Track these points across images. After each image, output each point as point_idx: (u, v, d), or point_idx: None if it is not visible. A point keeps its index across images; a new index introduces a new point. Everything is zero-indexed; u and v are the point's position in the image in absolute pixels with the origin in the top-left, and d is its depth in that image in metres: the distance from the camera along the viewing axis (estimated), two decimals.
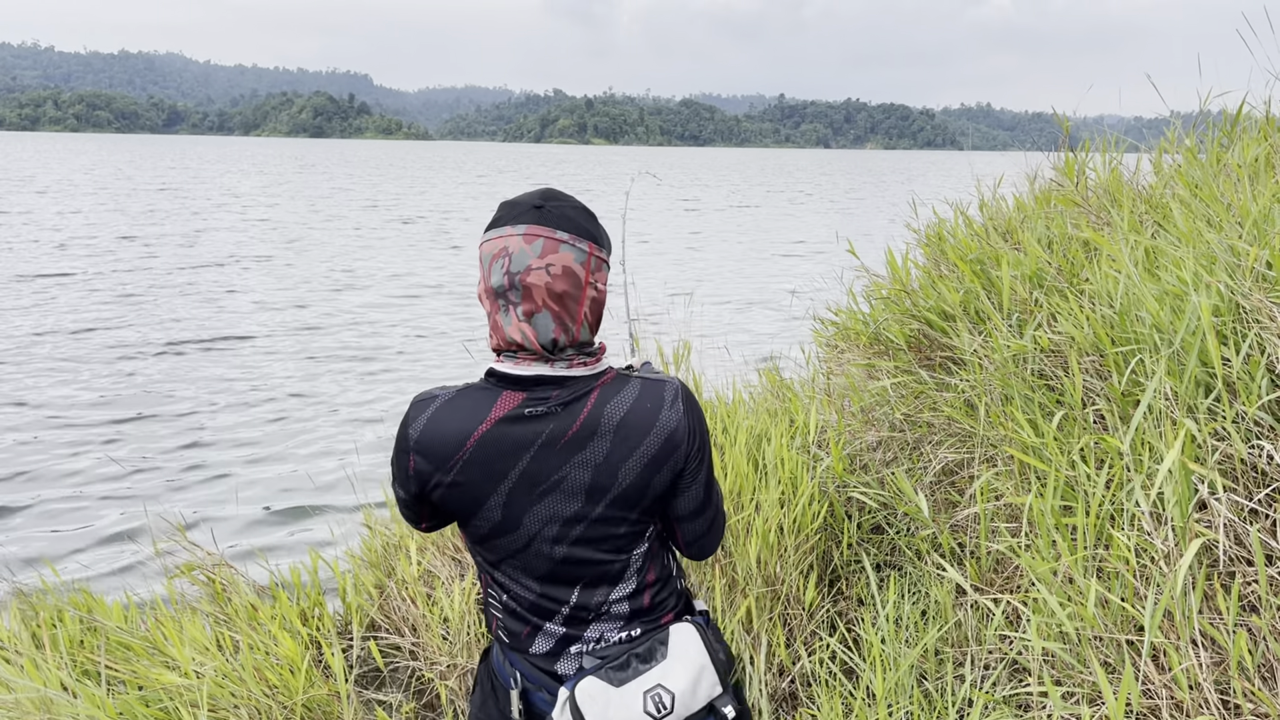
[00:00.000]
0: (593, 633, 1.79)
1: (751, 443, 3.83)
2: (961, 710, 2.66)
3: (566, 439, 1.65)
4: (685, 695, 1.72)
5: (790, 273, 20.87)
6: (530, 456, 1.64)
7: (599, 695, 1.68)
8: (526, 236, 1.59)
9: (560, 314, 1.62)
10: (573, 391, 1.65)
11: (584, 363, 1.68)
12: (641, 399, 1.69)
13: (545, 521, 1.69)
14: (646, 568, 1.82)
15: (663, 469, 1.71)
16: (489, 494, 1.66)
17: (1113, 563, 2.54)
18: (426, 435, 1.64)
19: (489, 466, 1.64)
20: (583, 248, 1.63)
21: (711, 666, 1.77)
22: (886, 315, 4.34)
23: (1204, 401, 2.66)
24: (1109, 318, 3.20)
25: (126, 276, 17.45)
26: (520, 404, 1.63)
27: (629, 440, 1.67)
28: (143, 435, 8.51)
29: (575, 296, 1.63)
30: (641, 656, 1.74)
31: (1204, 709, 2.22)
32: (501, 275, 1.60)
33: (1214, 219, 3.23)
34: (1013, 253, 3.96)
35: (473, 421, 1.63)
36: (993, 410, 3.41)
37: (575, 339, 1.65)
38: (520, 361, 1.64)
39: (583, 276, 1.63)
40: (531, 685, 1.78)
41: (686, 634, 1.80)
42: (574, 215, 1.65)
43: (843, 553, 3.63)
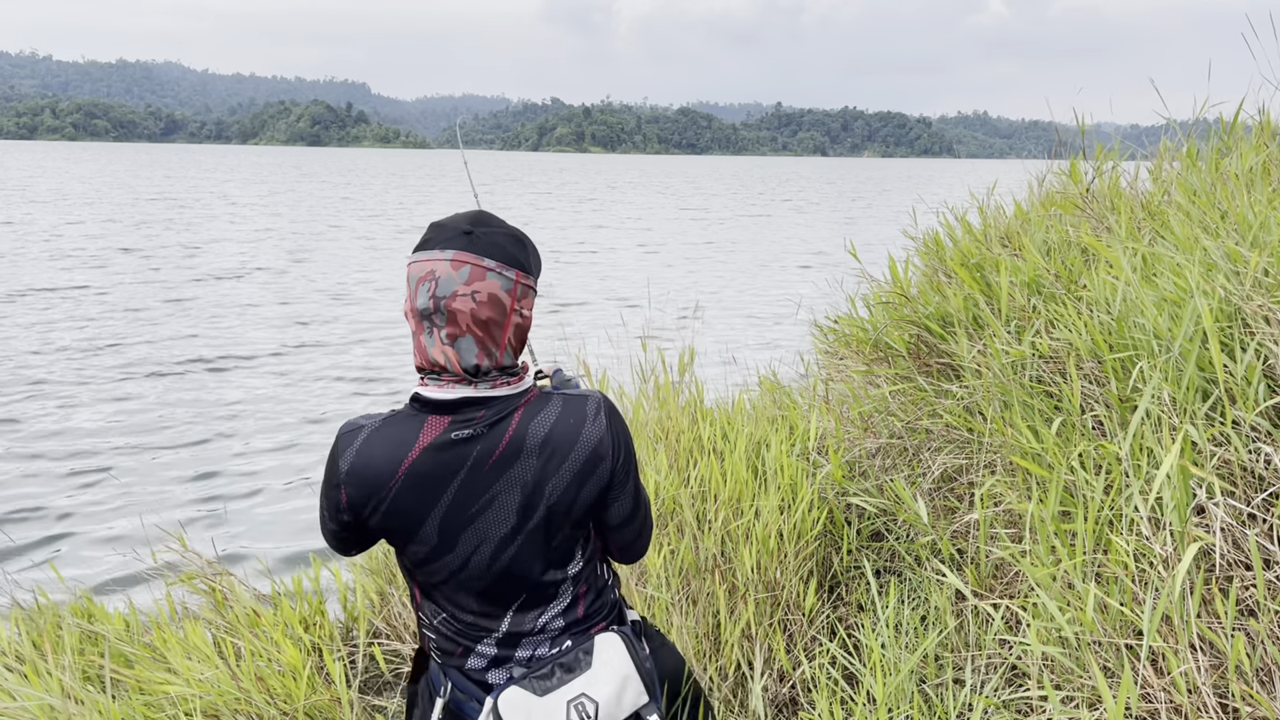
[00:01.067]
0: (524, 651, 1.81)
1: (751, 450, 3.84)
2: (962, 714, 2.67)
3: (494, 460, 1.67)
4: (609, 704, 1.75)
5: (797, 280, 20.88)
6: (460, 479, 1.66)
7: (521, 704, 1.70)
8: (454, 262, 1.61)
9: (484, 339, 1.64)
10: (497, 412, 1.67)
11: (507, 383, 1.69)
12: (564, 416, 1.72)
13: (479, 541, 1.71)
14: (579, 583, 1.85)
15: (588, 483, 1.73)
16: (423, 519, 1.67)
17: (1111, 568, 2.55)
18: (357, 467, 1.65)
19: (421, 493, 1.66)
20: (509, 276, 1.65)
21: (637, 675, 1.80)
22: (886, 322, 4.36)
23: (1201, 407, 2.68)
24: (1107, 324, 3.21)
25: (132, 289, 17.43)
26: (446, 428, 1.65)
27: (555, 457, 1.69)
28: (143, 449, 8.50)
29: (499, 323, 1.65)
30: (566, 666, 1.77)
31: (1202, 712, 2.23)
32: (427, 299, 1.61)
33: (1211, 226, 3.24)
34: (1011, 259, 3.97)
35: (401, 450, 1.64)
36: (993, 417, 3.43)
37: (498, 363, 1.67)
38: (444, 384, 1.65)
39: (508, 304, 1.65)
40: (462, 695, 1.80)
41: (611, 644, 1.82)
42: (503, 242, 1.67)
43: (842, 559, 3.64)
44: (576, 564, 1.82)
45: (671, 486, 3.50)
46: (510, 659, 1.80)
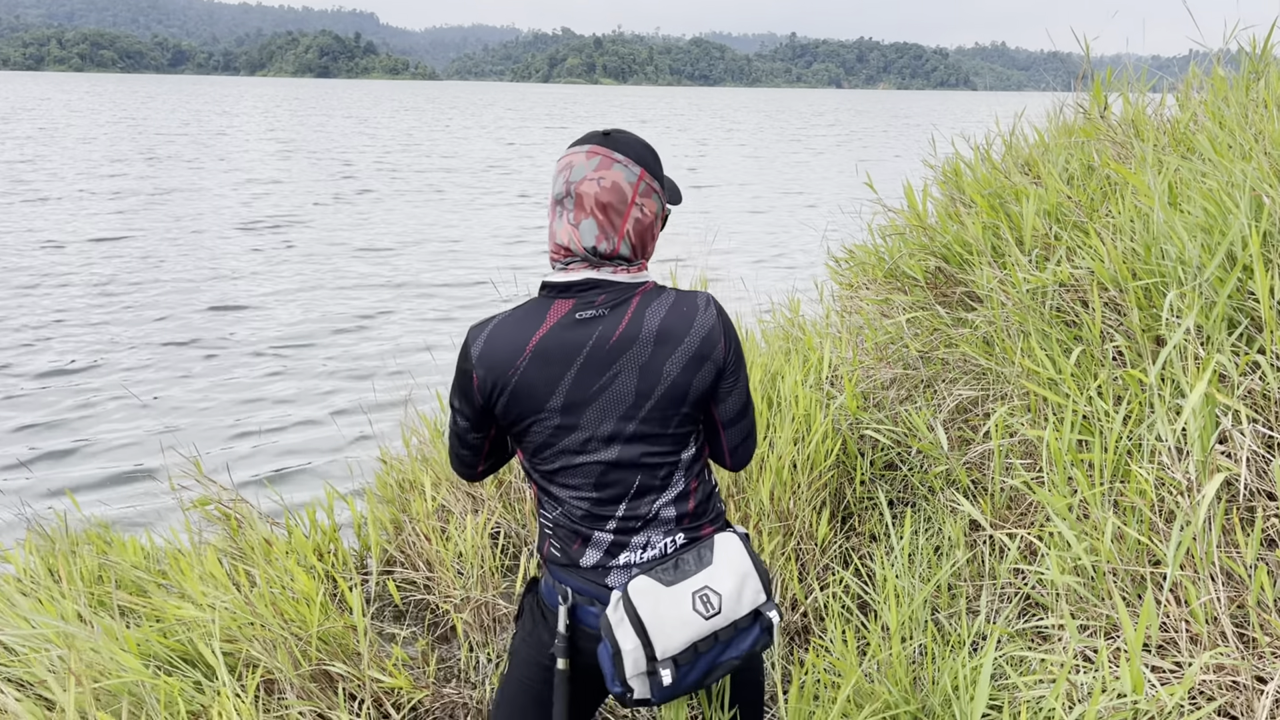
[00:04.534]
0: (640, 539, 1.85)
1: (766, 380, 3.80)
2: (975, 643, 2.66)
3: (614, 340, 1.76)
4: (731, 598, 1.81)
5: (815, 211, 20.64)
6: (584, 357, 1.75)
7: (650, 592, 1.75)
8: (589, 154, 1.77)
9: (604, 224, 1.76)
10: (616, 296, 1.78)
11: (627, 271, 1.81)
12: (678, 304, 1.82)
13: (599, 420, 1.78)
14: (691, 473, 1.90)
15: (704, 366, 1.81)
16: (548, 395, 1.75)
17: (1130, 497, 2.52)
18: (487, 350, 1.75)
19: (547, 368, 1.74)
20: (634, 170, 1.79)
21: (755, 574, 1.86)
22: (903, 250, 4.29)
23: (1228, 340, 2.62)
24: (1130, 252, 3.14)
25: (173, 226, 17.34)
26: (571, 309, 1.76)
27: (670, 341, 1.78)
28: (162, 381, 8.53)
29: (620, 210, 1.77)
30: (688, 560, 1.82)
31: (1221, 642, 2.21)
32: (562, 184, 1.78)
33: (1245, 149, 3.15)
34: (1033, 187, 3.88)
35: (529, 330, 1.75)
36: (1009, 346, 3.38)
37: (615, 250, 1.78)
38: (569, 270, 1.79)
39: (629, 195, 1.78)
40: (581, 599, 1.84)
41: (731, 542, 1.88)
42: (635, 145, 1.83)
43: (856, 489, 3.62)
44: (690, 450, 1.88)
45: None
46: (626, 546, 1.84)
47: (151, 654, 2.53)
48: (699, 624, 1.76)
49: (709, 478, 1.98)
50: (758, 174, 29.19)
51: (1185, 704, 2.14)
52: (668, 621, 1.73)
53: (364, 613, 2.97)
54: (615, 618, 1.73)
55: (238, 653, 2.62)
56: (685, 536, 1.89)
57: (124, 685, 2.32)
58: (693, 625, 1.75)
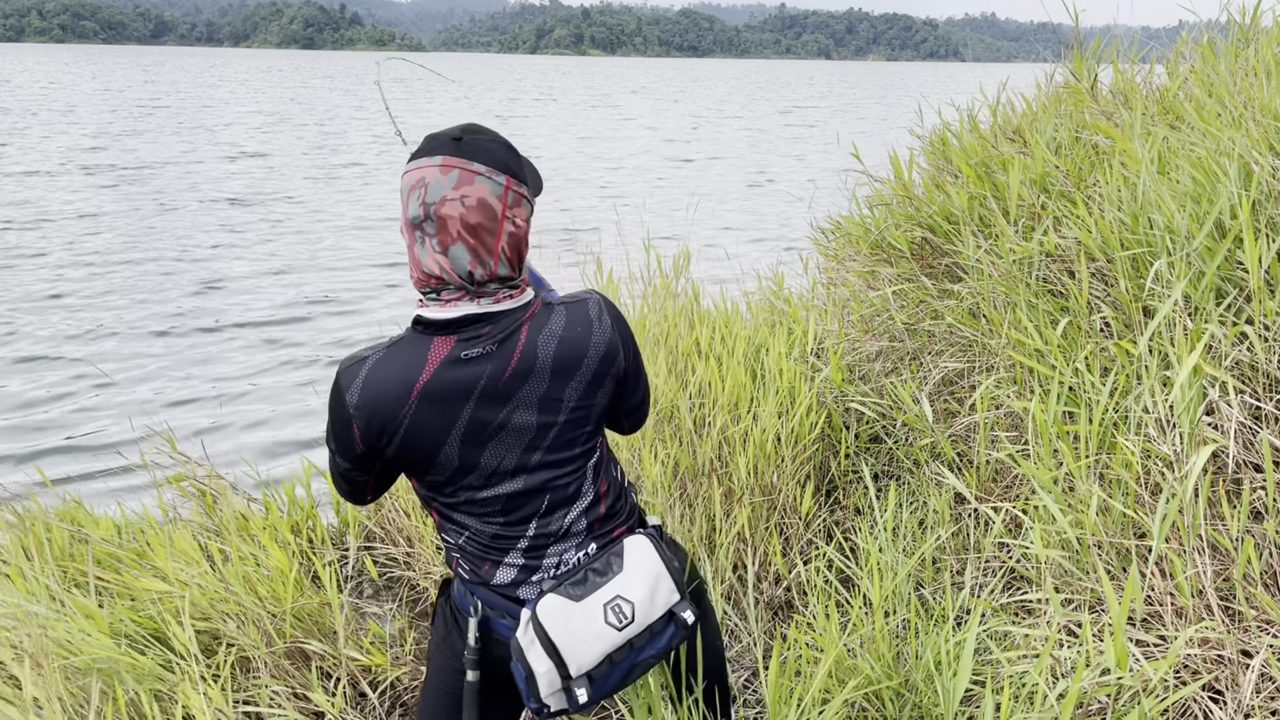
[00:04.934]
0: (551, 558, 1.80)
1: (750, 353, 3.76)
2: (959, 618, 2.64)
3: (506, 378, 1.65)
4: (644, 604, 1.76)
5: (803, 181, 20.52)
6: (475, 399, 1.63)
7: (560, 611, 1.69)
8: (443, 168, 1.57)
9: (476, 247, 1.59)
10: (503, 328, 1.64)
11: (509, 296, 1.66)
12: (571, 324, 1.71)
13: (501, 457, 1.69)
14: (600, 477, 1.85)
15: (605, 383, 1.75)
16: (442, 442, 1.64)
17: (1116, 469, 2.49)
18: (366, 397, 1.60)
19: (437, 415, 1.62)
20: (499, 181, 1.60)
21: (667, 574, 1.80)
22: (889, 221, 4.24)
23: (1217, 308, 2.58)
24: (1117, 221, 3.10)
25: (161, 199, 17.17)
26: (454, 347, 1.61)
27: (567, 368, 1.69)
28: (131, 353, 8.44)
29: (491, 230, 1.59)
30: (598, 570, 1.77)
31: (1206, 615, 2.19)
32: (418, 206, 1.57)
33: (1234, 116, 3.10)
34: (1019, 156, 3.83)
35: (411, 373, 1.60)
36: (995, 317, 3.34)
37: (493, 273, 1.62)
38: (446, 303, 1.62)
39: (499, 210, 1.60)
40: (493, 612, 1.79)
41: (640, 545, 1.82)
42: (492, 148, 1.63)
43: (840, 463, 3.59)
44: (596, 454, 1.83)
45: (670, 391, 3.43)
46: (538, 567, 1.79)
47: (123, 632, 2.49)
48: (612, 636, 1.71)
49: (617, 474, 1.93)
50: (751, 147, 29.03)
51: (1170, 679, 2.12)
52: (580, 638, 1.69)
53: (340, 589, 2.93)
54: (525, 640, 1.69)
55: (212, 630, 2.58)
56: (596, 545, 1.84)
57: (92, 664, 2.27)
58: (606, 638, 1.70)
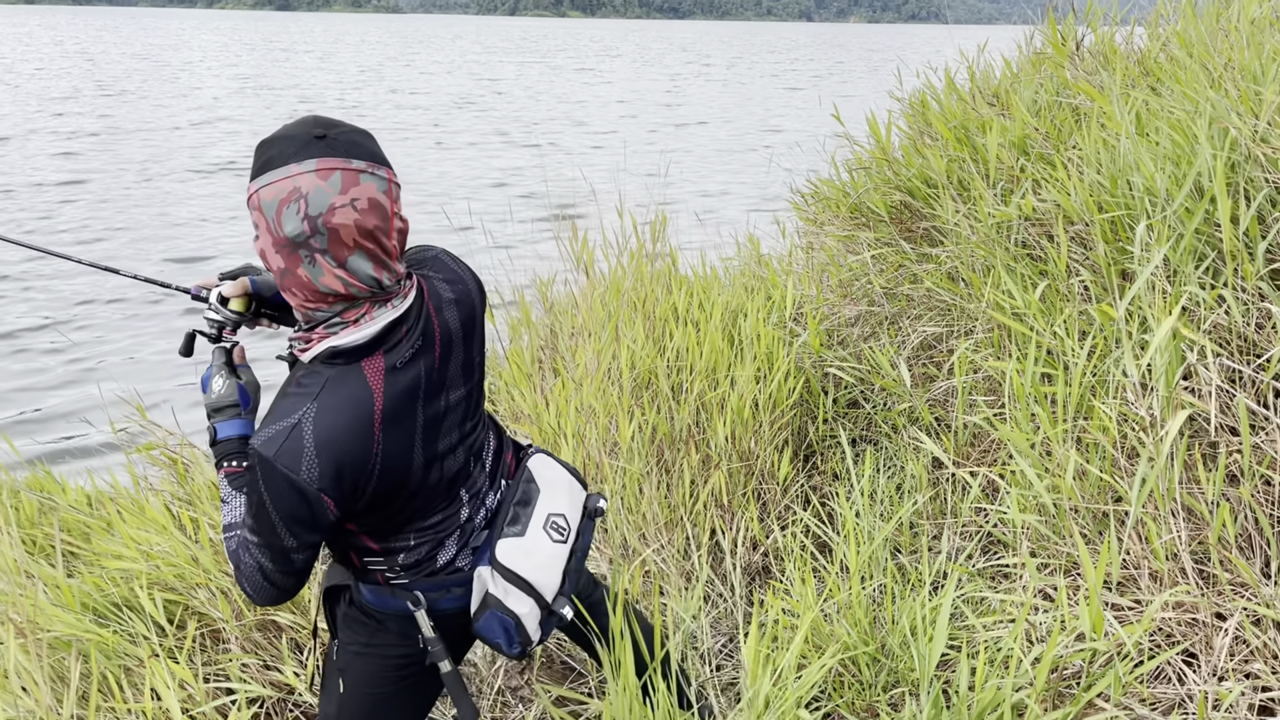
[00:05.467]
0: (479, 514, 1.79)
1: (728, 319, 3.73)
2: (936, 583, 2.64)
3: (438, 365, 1.60)
4: (572, 511, 1.85)
5: (782, 144, 20.40)
6: (421, 401, 1.57)
7: (516, 551, 1.72)
8: (320, 172, 1.36)
9: (375, 251, 1.43)
10: (417, 318, 1.56)
11: (411, 285, 1.57)
12: (452, 285, 1.67)
13: (452, 445, 1.66)
14: (488, 420, 1.89)
15: (481, 322, 1.75)
16: (411, 456, 1.54)
17: (1093, 433, 2.49)
18: (328, 464, 1.41)
19: (402, 434, 1.52)
20: (383, 175, 1.43)
21: (572, 477, 1.90)
22: (868, 185, 4.20)
23: (1196, 270, 2.57)
24: (1097, 183, 3.08)
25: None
26: (386, 360, 1.49)
27: (469, 327, 1.67)
28: (97, 317, 8.33)
29: (385, 230, 1.43)
30: (523, 501, 1.80)
31: (1181, 579, 2.19)
32: (299, 221, 1.36)
33: (1214, 76, 3.08)
34: (999, 119, 3.80)
35: (363, 411, 1.45)
36: (974, 280, 3.32)
37: (398, 273, 1.49)
38: (355, 323, 1.47)
39: (389, 207, 1.44)
40: (436, 593, 1.73)
41: (543, 463, 1.88)
42: (362, 140, 1.44)
43: (818, 428, 3.57)
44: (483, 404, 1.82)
45: (648, 357, 3.39)
46: (471, 530, 1.77)
47: (92, 605, 2.45)
48: (562, 550, 1.78)
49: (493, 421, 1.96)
50: (734, 111, 28.81)
51: (1145, 643, 2.12)
52: (542, 566, 1.72)
53: None
54: (500, 591, 1.67)
55: (183, 602, 2.54)
56: (505, 481, 1.85)
57: (61, 639, 2.24)
58: (559, 555, 1.77)
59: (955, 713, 1.90)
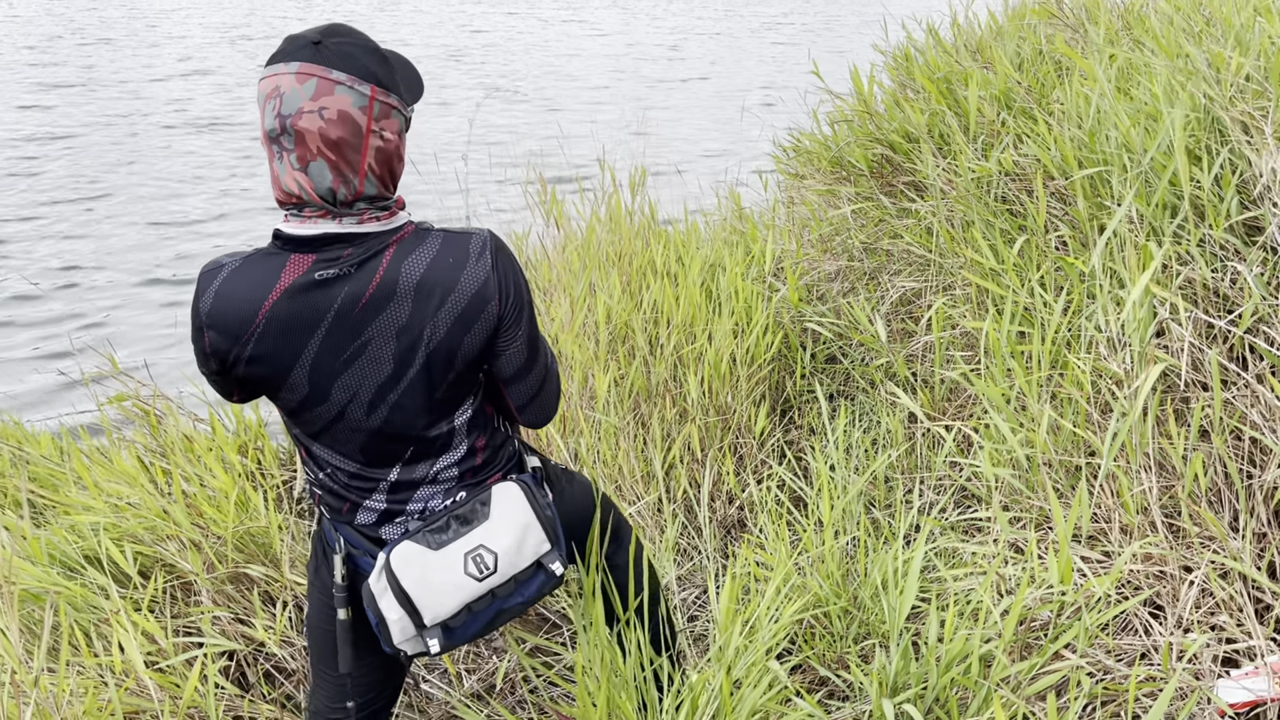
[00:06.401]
0: (416, 504, 1.73)
1: (706, 273, 3.71)
2: (909, 536, 2.65)
3: (364, 303, 1.52)
4: (509, 554, 1.69)
5: (762, 98, 20.16)
6: (328, 324, 1.52)
7: (416, 559, 1.63)
8: (299, 75, 1.42)
9: (338, 163, 1.45)
10: (366, 250, 1.51)
11: (376, 218, 1.52)
12: (443, 254, 1.56)
13: (355, 390, 1.58)
14: (475, 433, 1.74)
15: (473, 328, 1.58)
16: (290, 366, 1.54)
17: (1067, 388, 2.49)
18: (217, 309, 1.50)
19: (285, 338, 1.52)
20: (363, 91, 1.46)
21: (538, 524, 1.73)
22: (849, 138, 4.17)
23: (1170, 225, 2.56)
24: (1078, 139, 3.06)
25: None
26: (310, 268, 1.49)
27: (431, 300, 1.54)
28: (94, 293, 8.22)
29: (355, 145, 1.46)
30: (461, 518, 1.70)
31: (1150, 532, 2.21)
32: (273, 118, 1.44)
33: (1194, 31, 3.05)
34: (981, 72, 3.76)
35: (261, 291, 1.49)
36: (948, 235, 3.31)
37: (359, 192, 1.49)
38: (306, 219, 1.49)
39: (363, 123, 1.46)
40: (356, 551, 1.73)
41: (509, 493, 1.74)
42: (356, 54, 1.47)
43: (796, 383, 3.57)
44: (465, 412, 1.70)
45: (624, 311, 3.37)
46: (402, 512, 1.72)
47: (58, 557, 2.44)
48: (472, 587, 1.65)
49: (500, 428, 1.82)
50: (729, 65, 28.45)
51: (1113, 594, 2.14)
52: (436, 588, 1.63)
53: (281, 510, 2.89)
54: (378, 588, 1.63)
55: (155, 555, 2.53)
56: (467, 493, 1.75)
57: (31, 592, 2.23)
58: (465, 589, 1.65)
59: (924, 664, 1.91)
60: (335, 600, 1.72)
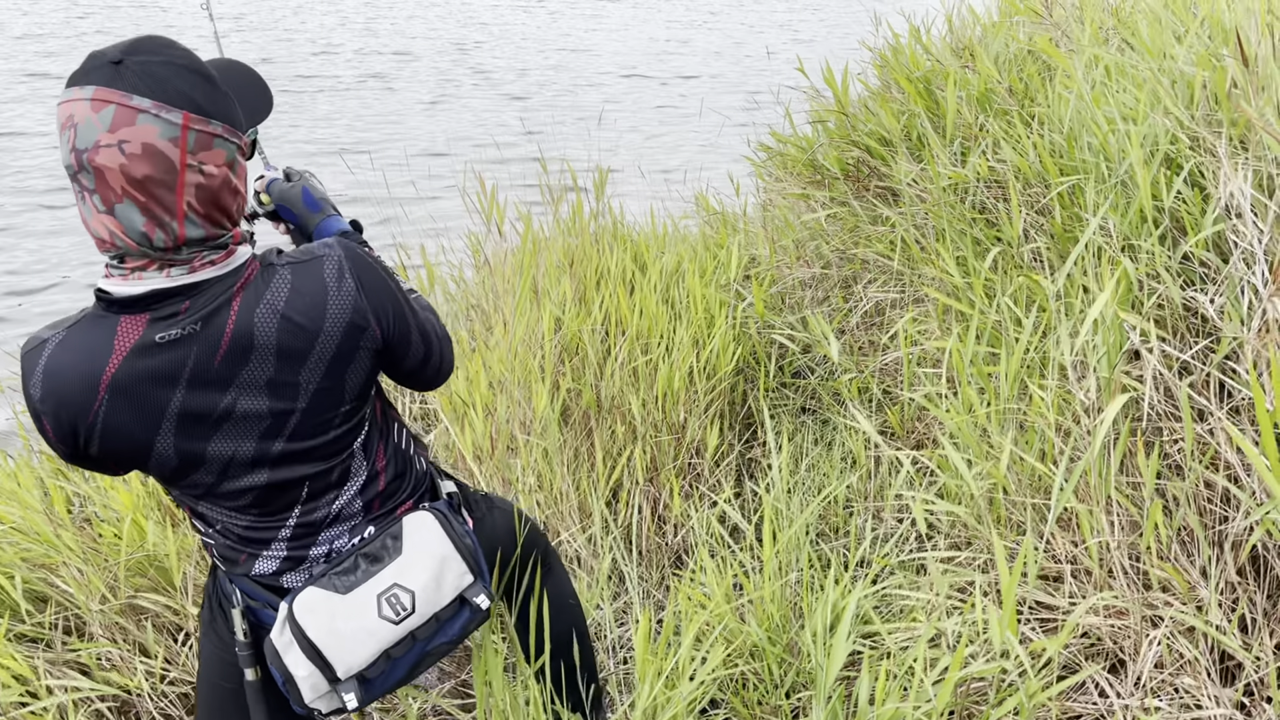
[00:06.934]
0: (320, 548, 1.54)
1: (669, 280, 3.52)
2: (862, 571, 2.47)
3: (220, 360, 1.33)
4: (427, 591, 1.52)
5: (743, 93, 19.79)
6: (183, 390, 1.32)
7: (321, 606, 1.45)
8: (94, 102, 1.19)
9: (148, 205, 1.22)
10: (207, 300, 1.30)
11: (211, 261, 1.31)
12: (297, 292, 1.36)
13: (232, 451, 1.39)
14: (375, 453, 1.57)
15: (355, 360, 1.43)
16: (150, 439, 1.34)
17: (1033, 416, 2.30)
18: (49, 391, 1.28)
19: (137, 411, 1.31)
20: (172, 119, 1.22)
21: (457, 555, 1.56)
22: (824, 141, 3.98)
23: (1146, 241, 2.37)
24: (1058, 145, 2.87)
25: None
26: (146, 329, 1.28)
27: (297, 345, 1.36)
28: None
29: (167, 183, 1.22)
30: (371, 556, 1.52)
31: (1114, 576, 2.02)
32: (69, 153, 1.21)
33: (1182, 30, 2.86)
34: (962, 72, 3.57)
35: (96, 363, 1.28)
36: (925, 246, 3.12)
37: (180, 236, 1.26)
38: (130, 273, 1.27)
39: (175, 158, 1.22)
40: (256, 603, 1.54)
41: (423, 524, 1.57)
42: (165, 75, 1.23)
43: (760, 397, 3.38)
44: (362, 434, 1.54)
45: (575, 321, 3.19)
46: (305, 558, 1.54)
47: None
48: (388, 631, 1.48)
49: (400, 441, 1.66)
50: (732, 62, 28.09)
51: (1069, 646, 1.96)
52: (347, 637, 1.45)
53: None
54: (282, 642, 1.45)
55: (50, 582, 2.36)
56: (375, 528, 1.58)
57: None
58: (380, 634, 1.48)
59: None
60: (240, 660, 1.55)
